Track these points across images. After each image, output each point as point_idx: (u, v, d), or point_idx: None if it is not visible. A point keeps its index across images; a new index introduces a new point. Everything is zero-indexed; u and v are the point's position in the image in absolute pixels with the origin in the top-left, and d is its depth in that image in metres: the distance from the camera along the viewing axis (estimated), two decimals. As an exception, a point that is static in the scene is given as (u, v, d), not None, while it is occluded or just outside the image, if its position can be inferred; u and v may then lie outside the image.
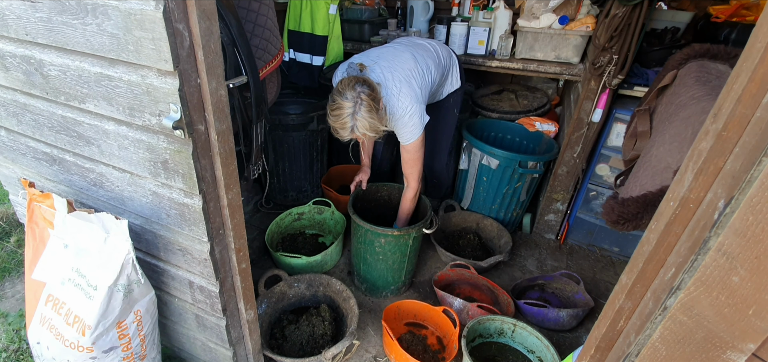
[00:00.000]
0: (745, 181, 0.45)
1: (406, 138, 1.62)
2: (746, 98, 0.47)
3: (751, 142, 0.46)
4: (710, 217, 0.50)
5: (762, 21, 0.47)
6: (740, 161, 0.47)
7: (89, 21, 0.87)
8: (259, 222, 2.45)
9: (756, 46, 0.46)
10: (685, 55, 1.02)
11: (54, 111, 1.12)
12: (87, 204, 1.29)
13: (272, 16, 1.58)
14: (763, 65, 0.45)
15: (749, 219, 0.43)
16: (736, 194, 0.46)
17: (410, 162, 1.68)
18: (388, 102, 1.57)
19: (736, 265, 0.44)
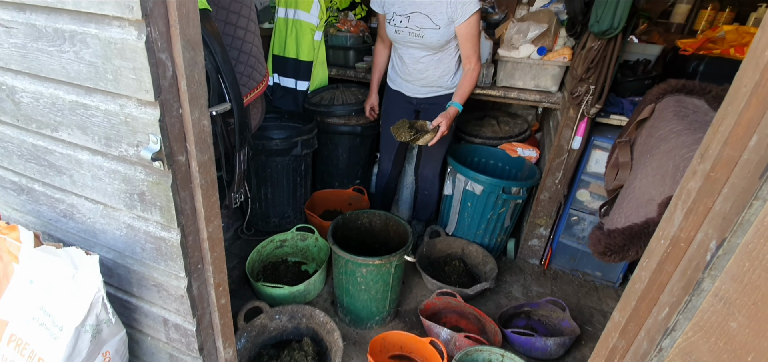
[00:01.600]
0: (737, 224, 0.45)
1: (469, 7, 1.65)
2: (733, 141, 0.48)
3: (740, 185, 0.47)
4: (702, 258, 0.50)
5: (745, 66, 0.49)
6: (730, 203, 0.48)
7: (66, 48, 0.84)
8: (239, 249, 2.37)
9: (741, 91, 0.48)
10: (662, 90, 1.07)
11: (24, 139, 1.06)
12: (56, 237, 1.21)
13: (257, 43, 1.57)
14: (748, 110, 0.47)
15: (746, 265, 0.43)
16: (729, 236, 0.46)
17: (472, 37, 1.73)
18: None
19: (734, 311, 0.44)
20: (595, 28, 1.56)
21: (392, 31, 1.86)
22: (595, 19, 1.55)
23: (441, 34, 1.74)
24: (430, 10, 1.73)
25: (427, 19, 1.74)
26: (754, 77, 0.44)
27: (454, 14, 1.68)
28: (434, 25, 1.73)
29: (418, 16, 1.76)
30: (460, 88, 1.84)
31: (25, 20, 0.86)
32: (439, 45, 1.79)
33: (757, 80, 0.44)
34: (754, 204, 0.44)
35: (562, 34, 2.11)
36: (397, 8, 1.83)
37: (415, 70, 1.92)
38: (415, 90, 2.01)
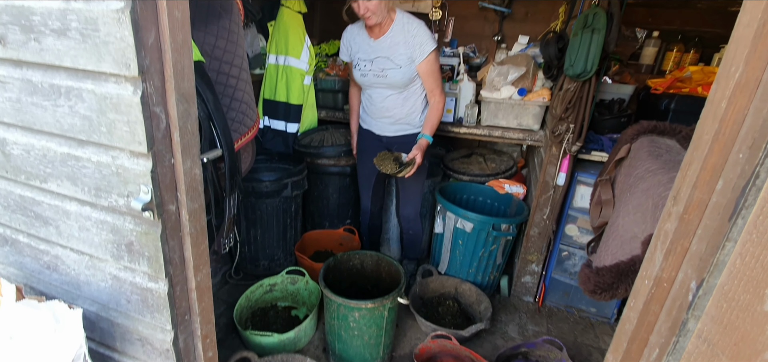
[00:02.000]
0: (713, 265, 0.48)
1: (425, 46, 1.77)
2: (701, 184, 0.52)
3: (712, 226, 0.50)
4: (685, 298, 0.52)
5: (705, 115, 0.53)
6: (705, 243, 0.50)
7: (61, 103, 0.85)
8: (227, 295, 2.30)
9: (703, 138, 0.52)
10: (636, 131, 1.13)
11: (12, 190, 1.05)
12: (38, 289, 1.17)
13: (249, 90, 1.61)
14: (712, 156, 0.50)
15: (723, 307, 0.44)
16: (706, 277, 0.48)
17: (433, 73, 1.83)
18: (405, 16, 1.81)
19: (718, 352, 0.46)
20: (570, 72, 1.65)
21: (358, 75, 1.98)
22: (569, 63, 1.65)
23: (403, 72, 1.85)
24: (391, 54, 1.85)
25: (388, 61, 1.86)
26: (713, 126, 0.48)
27: (413, 54, 1.80)
28: (396, 65, 1.84)
29: (381, 59, 1.88)
30: (428, 121, 1.93)
31: (21, 76, 0.88)
32: (402, 83, 1.89)
33: (717, 128, 0.48)
34: (726, 246, 0.46)
35: (540, 76, 2.22)
36: (361, 54, 1.95)
37: (382, 108, 2.01)
38: (384, 128, 2.07)
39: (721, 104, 0.48)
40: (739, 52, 0.45)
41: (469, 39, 2.90)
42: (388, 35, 1.83)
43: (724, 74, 0.48)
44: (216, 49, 1.43)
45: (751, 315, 0.42)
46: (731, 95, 0.46)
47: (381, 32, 1.84)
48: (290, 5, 2.42)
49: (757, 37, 0.43)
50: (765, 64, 0.43)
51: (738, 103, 0.46)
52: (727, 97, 0.47)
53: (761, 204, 0.40)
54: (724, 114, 0.47)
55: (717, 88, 0.49)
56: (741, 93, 0.45)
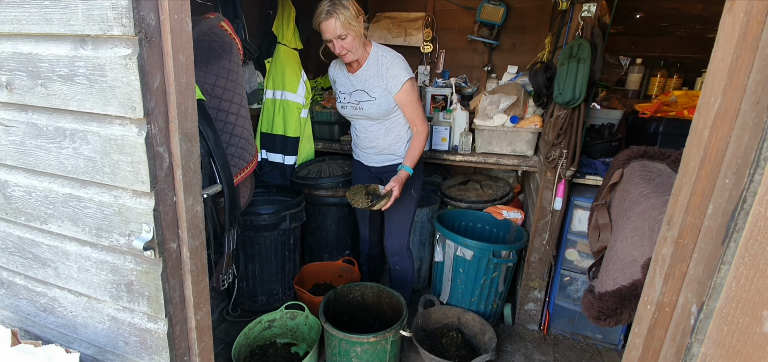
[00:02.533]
0: (711, 288, 0.49)
1: (400, 76, 1.77)
2: (693, 209, 0.53)
3: (707, 250, 0.51)
4: (687, 322, 0.53)
5: (690, 143, 0.55)
6: (702, 267, 0.52)
7: (66, 145, 0.87)
8: (224, 333, 2.25)
9: (690, 165, 0.54)
10: (627, 156, 1.16)
11: (11, 231, 1.05)
12: (33, 333, 1.14)
13: (248, 126, 1.64)
14: (700, 182, 0.52)
15: (724, 330, 0.45)
16: (706, 300, 0.49)
17: (411, 104, 1.82)
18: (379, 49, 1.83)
19: (723, 376, 0.46)
20: (559, 100, 1.71)
21: (340, 107, 2.03)
22: (558, 91, 1.71)
23: (378, 104, 1.86)
24: (367, 86, 1.87)
25: (364, 94, 1.88)
26: (699, 153, 0.51)
27: (388, 85, 1.81)
28: (371, 98, 1.86)
29: (358, 92, 1.91)
30: (409, 152, 1.90)
31: (26, 120, 0.90)
32: (379, 115, 1.90)
33: (702, 156, 0.50)
34: (722, 269, 0.48)
35: (531, 104, 2.29)
36: (341, 88, 1.99)
37: (366, 139, 2.03)
38: (371, 159, 2.08)
39: (703, 132, 0.50)
40: (717, 84, 0.48)
41: (460, 70, 2.99)
42: (363, 69, 1.86)
43: (704, 104, 0.51)
44: (216, 87, 1.47)
45: (751, 337, 0.43)
46: (713, 124, 0.49)
47: (358, 66, 1.88)
48: (286, 42, 2.51)
49: (732, 70, 0.46)
50: (741, 94, 0.46)
51: (720, 132, 0.48)
52: (709, 125, 0.49)
53: (750, 228, 0.42)
54: (708, 142, 0.50)
55: (699, 118, 0.52)
56: (722, 122, 0.48)
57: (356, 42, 1.74)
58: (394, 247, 2.14)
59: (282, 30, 2.51)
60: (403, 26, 2.97)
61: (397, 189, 1.82)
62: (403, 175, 1.88)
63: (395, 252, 2.15)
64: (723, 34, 0.48)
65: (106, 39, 0.77)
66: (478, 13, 2.73)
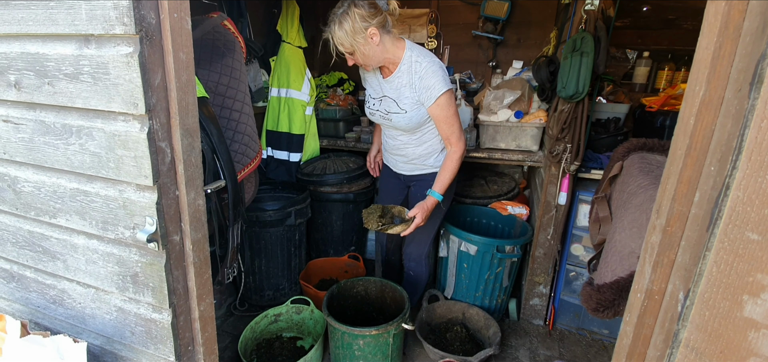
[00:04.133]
0: (697, 274, 0.49)
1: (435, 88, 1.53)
2: (680, 197, 0.54)
3: (693, 237, 0.51)
4: (675, 309, 0.53)
5: (678, 132, 0.55)
6: (688, 254, 0.52)
7: (72, 141, 0.90)
8: (231, 327, 2.29)
9: (677, 153, 0.54)
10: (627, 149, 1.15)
11: (21, 226, 1.09)
12: (43, 324, 1.19)
13: (251, 123, 1.67)
14: (686, 169, 0.52)
15: (706, 315, 0.45)
16: (692, 286, 0.50)
17: (446, 119, 1.58)
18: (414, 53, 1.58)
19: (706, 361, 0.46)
20: (563, 94, 1.69)
21: (368, 112, 1.83)
22: (561, 86, 1.70)
23: (409, 118, 1.65)
24: (397, 95, 1.66)
25: (394, 104, 1.68)
26: (685, 142, 0.51)
27: (421, 97, 1.60)
28: (400, 110, 1.66)
29: (388, 100, 1.70)
30: (440, 175, 1.69)
31: (34, 117, 0.93)
32: (409, 128, 1.71)
33: (688, 144, 0.50)
34: (707, 256, 0.48)
35: (535, 99, 2.27)
36: (370, 90, 1.80)
37: (395, 148, 1.86)
38: (400, 166, 1.94)
39: (690, 121, 0.50)
40: (701, 73, 0.48)
41: (465, 66, 2.98)
42: (395, 75, 1.63)
43: (690, 93, 0.51)
44: (219, 85, 1.50)
45: (732, 322, 0.43)
46: (698, 112, 0.49)
47: (390, 71, 1.66)
48: (291, 40, 2.53)
49: (715, 59, 0.46)
50: (725, 83, 0.46)
51: (705, 120, 0.48)
52: (695, 114, 0.49)
53: (729, 213, 0.42)
54: (693, 130, 0.50)
55: (685, 106, 0.52)
56: (706, 110, 0.48)
57: (370, 51, 1.52)
58: (413, 254, 2.06)
59: (286, 28, 2.54)
60: (407, 22, 2.97)
61: (420, 217, 1.65)
62: (430, 202, 1.69)
63: (412, 257, 2.07)
64: (707, 23, 0.48)
65: (109, 38, 0.80)
66: (483, 9, 2.71)
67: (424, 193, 1.75)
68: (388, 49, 1.57)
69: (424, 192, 1.77)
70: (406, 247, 2.08)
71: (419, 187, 1.88)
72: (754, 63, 0.42)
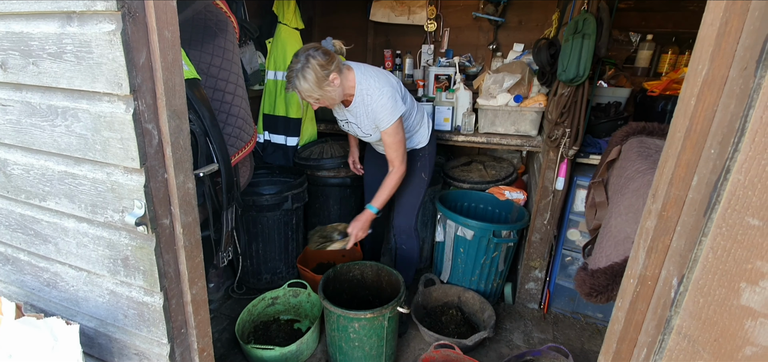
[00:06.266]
0: (692, 260, 0.48)
1: (383, 121, 1.70)
2: (677, 181, 0.52)
3: (689, 222, 0.50)
4: (668, 295, 0.52)
5: (677, 113, 0.53)
6: (684, 240, 0.50)
7: (59, 123, 0.88)
8: (229, 310, 2.31)
9: (676, 136, 0.52)
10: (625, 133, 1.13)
11: (12, 209, 1.07)
12: (38, 307, 1.19)
13: (245, 106, 1.64)
14: (685, 153, 0.50)
15: (700, 302, 0.44)
16: (686, 272, 0.48)
17: (392, 146, 1.76)
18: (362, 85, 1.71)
19: (699, 349, 0.45)
20: (563, 77, 1.66)
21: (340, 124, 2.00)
22: (562, 69, 1.66)
23: (374, 137, 1.87)
24: (357, 121, 1.84)
25: (358, 128, 1.87)
26: (684, 123, 0.49)
27: (376, 121, 1.76)
28: (365, 133, 1.86)
29: (352, 124, 1.90)
30: (380, 192, 1.87)
31: (21, 98, 0.91)
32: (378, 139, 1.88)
33: (688, 126, 0.48)
34: (703, 241, 0.46)
35: (535, 83, 2.24)
36: (337, 113, 1.97)
37: (374, 143, 2.04)
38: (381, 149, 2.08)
39: (690, 102, 0.48)
40: (705, 51, 0.46)
41: (465, 49, 2.93)
42: (353, 105, 1.80)
43: (692, 72, 0.48)
44: (211, 67, 1.46)
45: (728, 309, 0.42)
46: (699, 92, 0.47)
47: (349, 101, 1.81)
48: (287, 22, 2.48)
49: (721, 35, 0.44)
50: (730, 61, 0.44)
51: (706, 100, 0.46)
52: (696, 94, 0.47)
53: (728, 197, 0.40)
54: (694, 111, 0.48)
55: (686, 86, 0.50)
56: (709, 90, 0.46)
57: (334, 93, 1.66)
58: (402, 226, 2.14)
59: (283, 9, 2.48)
60: (407, 4, 2.91)
61: (356, 230, 1.85)
62: (367, 216, 1.88)
63: (403, 230, 2.15)
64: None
65: (91, 15, 0.77)
66: (483, -11, 2.65)
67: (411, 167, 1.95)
68: (346, 85, 1.72)
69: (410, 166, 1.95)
70: (395, 220, 2.15)
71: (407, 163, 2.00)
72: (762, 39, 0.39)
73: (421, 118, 2.00)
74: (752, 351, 0.41)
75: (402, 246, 2.20)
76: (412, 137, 1.99)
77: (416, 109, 1.97)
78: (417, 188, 2.07)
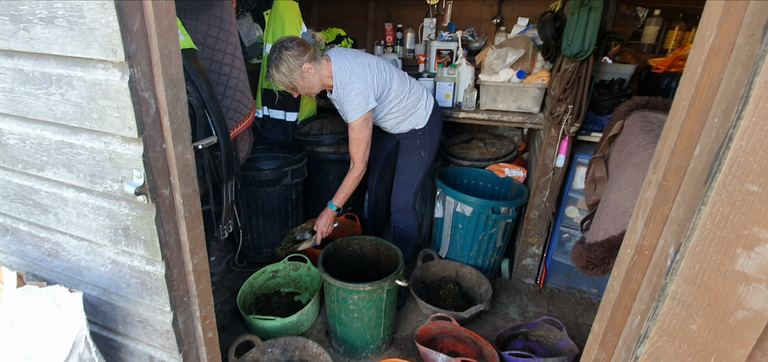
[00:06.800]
0: (690, 229, 0.48)
1: (349, 115, 1.75)
2: (679, 151, 0.51)
3: (689, 191, 0.50)
4: (664, 264, 0.52)
5: (683, 82, 0.52)
6: (683, 209, 0.50)
7: (53, 91, 0.87)
8: (231, 282, 2.34)
9: (681, 104, 0.51)
10: (628, 107, 1.11)
11: (10, 179, 1.07)
12: (40, 277, 1.20)
13: (243, 78, 1.61)
14: (689, 121, 0.50)
15: (696, 268, 0.45)
16: (684, 241, 0.49)
17: (355, 141, 1.80)
18: (337, 76, 1.76)
19: (692, 313, 0.46)
20: (568, 52, 1.63)
21: None
22: (566, 43, 1.63)
23: None
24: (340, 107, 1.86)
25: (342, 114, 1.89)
26: (690, 92, 0.48)
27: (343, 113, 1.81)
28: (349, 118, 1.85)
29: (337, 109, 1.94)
30: (340, 190, 1.93)
31: (13, 66, 0.89)
32: None
33: (693, 94, 0.47)
34: (702, 210, 0.46)
35: (539, 58, 2.20)
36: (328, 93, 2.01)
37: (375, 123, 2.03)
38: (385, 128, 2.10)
39: (696, 70, 0.47)
40: (713, 17, 0.45)
41: (468, 23, 2.87)
42: (334, 93, 1.84)
43: (699, 40, 0.47)
44: (208, 37, 1.43)
45: (723, 275, 0.42)
46: (706, 60, 0.46)
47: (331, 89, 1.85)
48: (285, -7, 2.41)
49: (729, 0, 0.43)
50: (737, 27, 0.43)
51: (713, 68, 0.45)
52: (703, 62, 0.46)
53: (729, 163, 0.40)
54: (700, 79, 0.47)
55: (693, 54, 0.49)
56: (715, 57, 0.45)
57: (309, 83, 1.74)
58: (399, 204, 2.16)
59: (280, -21, 2.41)
60: (408, -25, 2.83)
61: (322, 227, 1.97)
62: (328, 213, 1.97)
63: (399, 209, 2.17)
64: (724, -43, 0.44)
65: (82, -23, 0.74)
66: (487, -40, 2.56)
67: (411, 145, 2.02)
68: (323, 74, 1.78)
69: (410, 144, 2.02)
70: (393, 198, 2.18)
71: (404, 140, 2.06)
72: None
73: (418, 99, 1.98)
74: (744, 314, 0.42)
75: (398, 224, 2.22)
76: (408, 119, 1.99)
77: (412, 91, 1.95)
78: (415, 166, 2.07)
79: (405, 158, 2.09)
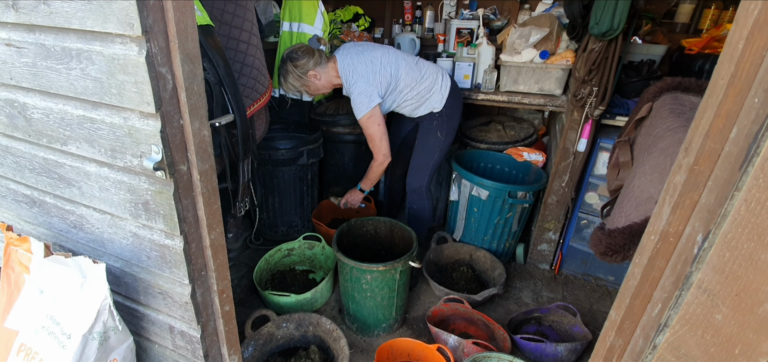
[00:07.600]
0: (721, 216, 0.45)
1: (356, 112, 1.86)
2: (714, 133, 0.48)
3: (722, 176, 0.47)
4: (690, 252, 0.50)
5: (722, 59, 0.49)
6: (714, 195, 0.47)
7: (73, 66, 0.88)
8: (248, 259, 2.40)
9: (719, 83, 0.48)
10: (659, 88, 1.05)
11: (36, 153, 1.11)
12: (66, 247, 1.25)
13: (260, 56, 1.61)
14: (726, 101, 0.46)
15: (726, 256, 0.42)
16: (713, 228, 0.46)
17: (368, 137, 1.91)
18: (343, 76, 1.88)
19: (718, 303, 0.44)
20: (595, 30, 1.55)
21: None
22: (594, 21, 1.55)
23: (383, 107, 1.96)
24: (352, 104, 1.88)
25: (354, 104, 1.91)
26: (729, 69, 0.44)
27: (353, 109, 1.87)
28: None
29: None
30: (366, 176, 2.06)
31: (34, 40, 0.91)
32: None
33: (733, 72, 0.44)
34: (735, 195, 0.44)
35: (564, 38, 2.11)
36: None
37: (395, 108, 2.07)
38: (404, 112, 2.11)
39: (738, 45, 0.44)
40: (761, -17, 0.41)
41: (490, 1, 2.76)
42: (344, 90, 1.95)
43: (742, 13, 0.43)
44: (225, 13, 1.43)
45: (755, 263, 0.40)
46: (749, 35, 0.42)
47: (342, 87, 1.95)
48: (302, -31, 2.37)
49: (783, -38, 0.38)
50: (789, -6, 0.39)
51: (756, 44, 0.42)
52: (745, 37, 0.42)
53: (771, 146, 0.37)
54: (741, 56, 0.43)
55: (735, 29, 0.45)
56: (760, 32, 0.41)
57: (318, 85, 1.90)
58: (413, 185, 2.17)
59: (297, -45, 2.36)
60: (428, -51, 2.73)
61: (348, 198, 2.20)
62: (354, 193, 2.18)
63: (414, 190, 2.17)
64: None
65: (99, -50, 0.74)
66: (511, -68, 2.45)
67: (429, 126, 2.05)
68: (331, 76, 1.91)
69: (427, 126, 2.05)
70: (408, 178, 2.19)
71: (423, 122, 2.09)
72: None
73: (432, 83, 1.97)
74: (777, 307, 0.40)
75: (412, 205, 2.23)
76: (424, 104, 1.99)
77: (425, 77, 1.96)
78: (431, 148, 2.05)
79: (422, 139, 2.07)
